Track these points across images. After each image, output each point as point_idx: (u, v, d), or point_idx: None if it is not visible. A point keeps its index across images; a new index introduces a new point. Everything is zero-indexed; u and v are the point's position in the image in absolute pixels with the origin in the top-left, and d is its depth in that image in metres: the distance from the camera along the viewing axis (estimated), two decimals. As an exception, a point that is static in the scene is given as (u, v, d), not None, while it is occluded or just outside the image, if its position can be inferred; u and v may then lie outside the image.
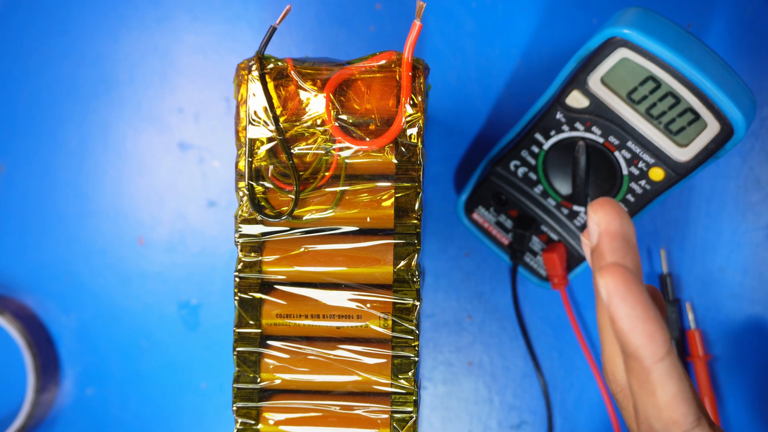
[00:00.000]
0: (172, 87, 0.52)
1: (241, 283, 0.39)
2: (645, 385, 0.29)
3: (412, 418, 0.39)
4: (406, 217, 0.38)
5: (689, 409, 0.29)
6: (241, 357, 0.39)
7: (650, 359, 0.28)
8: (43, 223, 0.52)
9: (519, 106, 0.51)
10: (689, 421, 0.29)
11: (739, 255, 0.51)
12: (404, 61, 0.37)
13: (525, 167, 0.47)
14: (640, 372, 0.28)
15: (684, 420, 0.29)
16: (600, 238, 0.29)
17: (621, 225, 0.29)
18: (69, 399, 0.53)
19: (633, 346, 0.28)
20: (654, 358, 0.28)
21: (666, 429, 0.29)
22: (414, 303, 0.39)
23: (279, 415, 0.39)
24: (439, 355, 0.52)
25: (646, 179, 0.44)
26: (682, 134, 0.42)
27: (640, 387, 0.29)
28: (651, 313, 0.27)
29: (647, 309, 0.27)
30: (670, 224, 0.51)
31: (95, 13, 0.52)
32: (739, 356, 0.51)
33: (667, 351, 0.28)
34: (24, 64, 0.52)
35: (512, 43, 0.51)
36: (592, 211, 0.29)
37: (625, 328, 0.27)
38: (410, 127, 0.38)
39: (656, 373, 0.28)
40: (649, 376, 0.28)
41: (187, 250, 0.52)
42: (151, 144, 0.52)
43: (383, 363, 0.39)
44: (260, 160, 0.38)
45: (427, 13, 0.50)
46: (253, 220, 0.39)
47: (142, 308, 0.52)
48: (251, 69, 0.38)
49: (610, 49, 0.41)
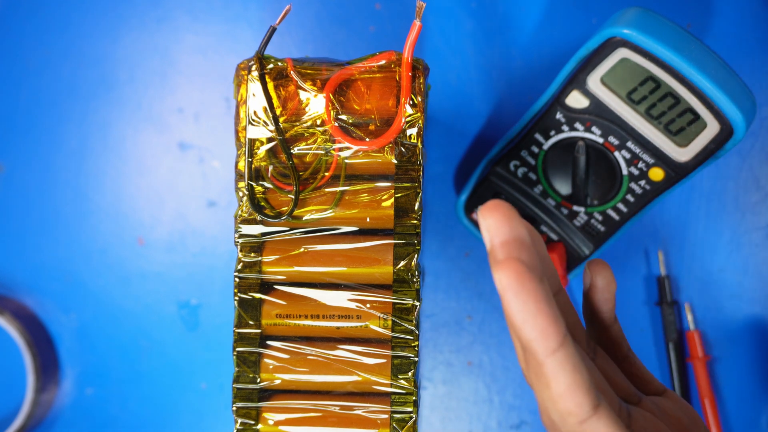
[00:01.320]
0: (172, 87, 0.52)
1: (240, 283, 0.39)
2: (540, 378, 0.29)
3: (412, 418, 0.39)
4: (405, 217, 0.38)
5: (584, 399, 0.29)
6: (241, 357, 0.39)
7: (543, 353, 0.28)
8: (43, 223, 0.52)
9: (519, 106, 0.51)
10: (584, 410, 0.29)
11: (739, 255, 0.51)
12: (404, 61, 0.37)
13: (525, 167, 0.47)
14: (535, 365, 0.29)
15: (579, 410, 0.29)
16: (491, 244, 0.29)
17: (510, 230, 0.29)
18: (69, 399, 0.53)
19: (526, 340, 0.28)
20: (546, 351, 0.28)
21: (562, 420, 0.29)
22: (414, 303, 0.39)
23: (279, 416, 0.39)
24: (439, 355, 0.52)
25: (645, 179, 0.45)
26: (682, 134, 0.42)
27: (537, 380, 0.29)
28: (543, 307, 0.27)
29: (539, 303, 0.27)
30: (670, 224, 0.51)
31: (95, 13, 0.52)
32: (739, 357, 0.51)
33: (559, 344, 0.28)
34: (24, 64, 0.52)
35: (512, 43, 0.51)
36: (481, 216, 0.29)
37: (517, 323, 0.28)
38: (410, 127, 0.38)
39: (549, 366, 0.28)
40: (543, 369, 0.29)
41: (187, 250, 0.52)
42: (151, 144, 0.52)
43: (383, 363, 0.39)
44: (260, 160, 0.38)
45: (427, 13, 0.50)
46: (252, 220, 0.39)
47: (141, 308, 0.52)
48: (251, 69, 0.38)
49: (610, 49, 0.41)
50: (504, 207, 0.29)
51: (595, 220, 0.47)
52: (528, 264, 0.28)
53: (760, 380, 0.51)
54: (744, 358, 0.51)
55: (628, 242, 0.51)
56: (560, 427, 0.30)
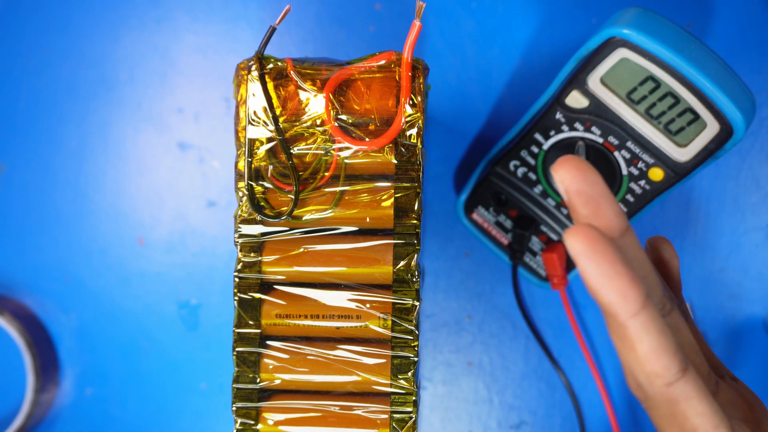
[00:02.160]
0: (172, 87, 0.52)
1: (240, 283, 0.39)
2: (624, 341, 0.29)
3: (412, 419, 0.39)
4: (405, 217, 0.38)
5: (671, 362, 0.29)
6: (241, 357, 0.39)
7: (624, 315, 0.28)
8: (43, 223, 0.52)
9: (519, 106, 0.51)
10: (671, 373, 0.29)
11: (739, 255, 0.51)
12: (404, 61, 0.37)
13: (525, 167, 0.47)
14: (618, 328, 0.29)
15: (666, 373, 0.29)
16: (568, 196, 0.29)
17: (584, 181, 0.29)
18: (68, 399, 0.53)
19: (605, 304, 0.28)
20: (628, 313, 0.28)
21: (649, 382, 0.29)
22: (414, 303, 0.39)
23: (278, 415, 0.39)
24: (438, 355, 0.52)
25: (645, 179, 0.44)
26: (682, 134, 0.42)
27: (620, 343, 0.29)
28: (620, 269, 0.27)
29: (616, 265, 0.27)
30: (670, 224, 0.51)
31: (95, 13, 0.52)
32: (739, 356, 0.51)
33: (641, 306, 0.28)
34: (24, 64, 0.52)
35: (512, 43, 0.51)
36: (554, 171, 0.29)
37: (594, 286, 0.28)
38: (410, 127, 0.38)
39: (632, 328, 0.28)
40: (626, 332, 0.29)
41: (187, 250, 0.52)
42: (151, 144, 0.52)
43: (383, 363, 0.39)
44: (260, 160, 0.38)
45: (427, 13, 0.50)
46: (252, 220, 0.39)
47: (141, 308, 0.52)
48: (251, 69, 0.38)
49: (610, 49, 0.41)
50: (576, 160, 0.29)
51: (595, 220, 0.47)
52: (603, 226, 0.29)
53: (760, 380, 0.51)
54: (744, 358, 0.51)
55: (628, 242, 0.51)
56: (647, 389, 0.30)
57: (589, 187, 0.29)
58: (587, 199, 0.29)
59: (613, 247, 0.28)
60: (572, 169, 0.29)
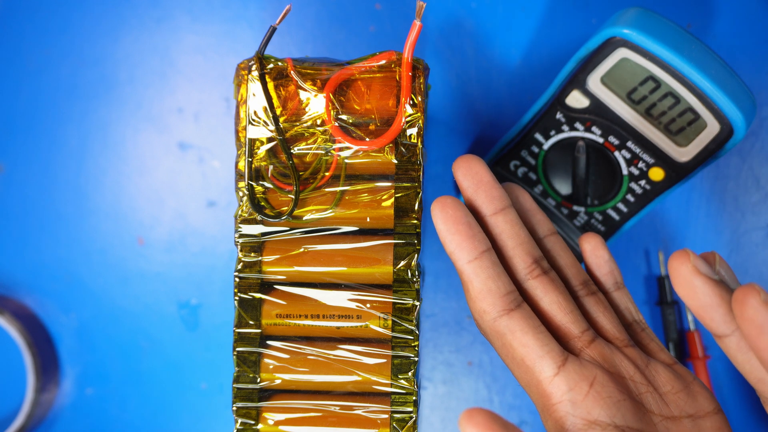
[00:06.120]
0: (172, 87, 0.52)
1: (240, 283, 0.39)
2: (463, 284, 0.36)
3: (412, 418, 0.39)
4: (405, 217, 0.38)
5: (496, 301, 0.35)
6: (241, 357, 0.39)
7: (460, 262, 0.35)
8: (43, 223, 0.52)
9: (519, 106, 0.51)
10: (496, 310, 0.35)
11: (739, 255, 0.51)
12: (404, 61, 0.37)
13: (525, 167, 0.47)
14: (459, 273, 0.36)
15: (491, 309, 0.35)
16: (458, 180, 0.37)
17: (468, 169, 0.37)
18: (69, 399, 0.53)
19: (448, 254, 0.36)
20: (463, 260, 0.35)
21: (480, 317, 0.36)
22: (414, 303, 0.39)
23: (279, 415, 0.39)
24: (439, 355, 0.52)
25: (646, 179, 0.45)
26: (682, 134, 0.42)
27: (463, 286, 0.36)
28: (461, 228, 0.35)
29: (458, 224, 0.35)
30: (670, 224, 0.51)
31: (95, 13, 0.52)
32: (738, 356, 0.51)
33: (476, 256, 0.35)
34: (24, 64, 0.52)
35: (512, 43, 0.51)
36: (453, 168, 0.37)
37: (442, 239, 0.36)
38: (410, 127, 0.38)
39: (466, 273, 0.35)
40: (462, 276, 0.36)
41: (187, 250, 0.52)
42: (151, 144, 0.52)
43: (383, 363, 0.39)
44: (260, 160, 0.38)
45: (427, 13, 0.50)
46: (252, 220, 0.39)
47: (141, 308, 0.52)
48: (251, 69, 0.38)
49: (610, 49, 0.41)
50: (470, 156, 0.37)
51: (595, 220, 0.47)
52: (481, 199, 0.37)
53: (760, 380, 0.51)
54: (744, 358, 0.51)
55: (628, 242, 0.51)
56: (479, 324, 0.36)
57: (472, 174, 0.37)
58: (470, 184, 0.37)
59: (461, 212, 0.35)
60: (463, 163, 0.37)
